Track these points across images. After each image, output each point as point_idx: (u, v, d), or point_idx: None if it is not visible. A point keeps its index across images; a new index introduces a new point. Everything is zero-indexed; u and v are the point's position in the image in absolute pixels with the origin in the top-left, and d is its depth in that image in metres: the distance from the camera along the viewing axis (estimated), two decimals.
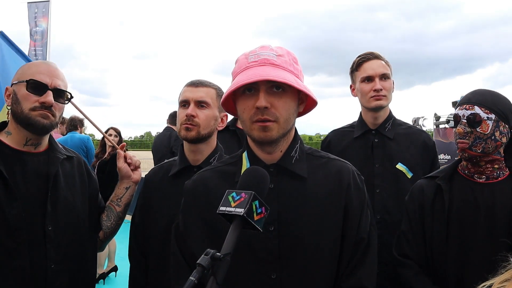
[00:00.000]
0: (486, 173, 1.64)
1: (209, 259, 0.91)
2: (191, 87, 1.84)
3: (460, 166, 1.73)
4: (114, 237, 1.98)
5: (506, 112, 1.65)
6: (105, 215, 1.87)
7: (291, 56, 1.27)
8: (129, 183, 1.89)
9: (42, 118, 1.59)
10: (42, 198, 1.61)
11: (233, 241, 0.98)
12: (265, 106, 1.18)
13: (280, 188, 1.27)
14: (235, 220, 1.01)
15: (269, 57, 1.21)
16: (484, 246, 1.56)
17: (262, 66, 1.19)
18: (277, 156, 1.30)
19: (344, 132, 2.43)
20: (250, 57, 1.24)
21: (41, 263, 1.56)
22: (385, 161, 2.21)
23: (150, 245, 1.84)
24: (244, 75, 1.20)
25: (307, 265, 1.23)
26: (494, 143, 1.61)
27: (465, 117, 1.62)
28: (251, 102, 1.20)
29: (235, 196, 1.04)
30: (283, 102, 1.21)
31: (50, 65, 1.72)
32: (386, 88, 2.22)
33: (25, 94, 1.60)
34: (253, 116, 1.20)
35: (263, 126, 1.20)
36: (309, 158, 1.34)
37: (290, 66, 1.23)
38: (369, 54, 2.28)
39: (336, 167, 1.33)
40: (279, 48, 1.27)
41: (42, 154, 1.69)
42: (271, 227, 1.22)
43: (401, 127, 2.32)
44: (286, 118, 1.22)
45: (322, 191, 1.28)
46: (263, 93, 1.18)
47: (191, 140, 1.79)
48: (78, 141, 5.61)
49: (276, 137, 1.22)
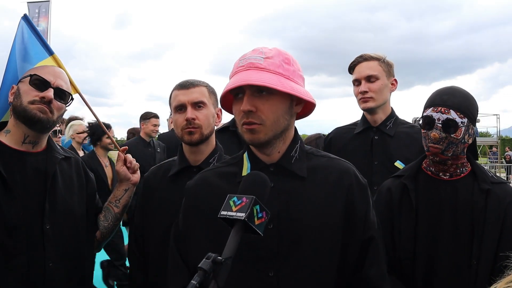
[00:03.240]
0: (450, 170, 1.66)
1: (211, 263, 0.92)
2: (183, 89, 1.81)
3: (424, 164, 1.74)
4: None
5: (475, 115, 1.67)
6: (103, 216, 1.88)
7: (282, 57, 1.26)
8: (128, 185, 1.91)
9: (39, 112, 1.61)
10: (40, 197, 1.62)
11: (234, 245, 0.99)
12: (249, 110, 1.20)
13: (280, 187, 1.27)
14: (236, 225, 1.01)
15: (255, 61, 1.23)
16: (450, 243, 1.58)
17: (247, 71, 1.22)
18: (276, 156, 1.30)
19: (346, 129, 2.46)
20: (240, 61, 1.27)
21: (39, 262, 1.57)
22: (384, 159, 2.23)
23: (149, 244, 1.84)
24: (231, 80, 1.24)
25: (305, 263, 1.23)
26: (463, 145, 1.63)
27: (441, 121, 1.60)
28: (240, 106, 1.23)
29: (236, 200, 1.05)
30: (269, 104, 1.22)
31: (57, 68, 1.79)
32: (372, 90, 2.23)
33: (27, 89, 1.63)
34: (241, 119, 1.24)
35: (249, 129, 1.23)
36: (309, 157, 1.34)
37: (278, 68, 1.23)
38: (359, 57, 2.32)
39: (337, 167, 1.34)
40: (270, 50, 1.27)
41: (41, 154, 1.70)
42: (270, 225, 1.23)
43: (403, 126, 2.33)
44: (273, 120, 1.23)
45: (322, 191, 1.28)
46: (247, 97, 1.21)
47: (196, 143, 1.78)
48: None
49: (265, 140, 1.24)
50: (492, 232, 1.53)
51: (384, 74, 2.26)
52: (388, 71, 2.28)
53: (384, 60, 2.28)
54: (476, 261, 1.52)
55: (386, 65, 2.28)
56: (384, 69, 2.26)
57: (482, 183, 1.60)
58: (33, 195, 1.61)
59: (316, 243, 1.24)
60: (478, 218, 1.55)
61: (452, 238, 1.58)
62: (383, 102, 2.27)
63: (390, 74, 2.30)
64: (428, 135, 1.62)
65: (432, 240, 1.60)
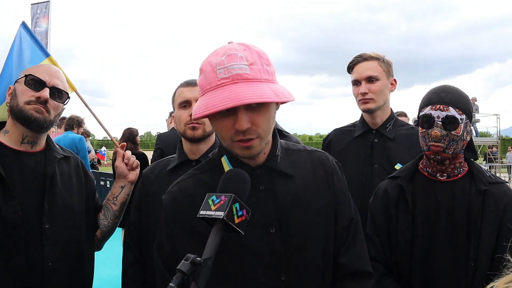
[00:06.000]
0: (448, 171, 1.63)
1: (189, 264, 0.89)
2: (189, 87, 1.84)
3: (421, 164, 1.72)
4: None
5: (472, 111, 1.66)
6: (102, 214, 1.88)
7: (263, 58, 1.14)
8: (125, 182, 1.91)
9: (35, 112, 1.61)
10: (39, 197, 1.63)
11: (214, 245, 0.95)
12: (247, 128, 1.11)
13: (273, 189, 1.24)
14: (216, 224, 0.99)
15: (240, 71, 1.09)
16: (447, 245, 1.56)
17: (236, 84, 1.08)
18: (261, 158, 1.25)
19: (345, 131, 2.43)
20: (219, 71, 1.10)
21: (38, 261, 1.57)
22: (384, 162, 2.20)
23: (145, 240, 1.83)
24: (216, 96, 1.08)
25: (313, 260, 1.23)
26: (462, 143, 1.61)
27: (441, 118, 1.57)
28: (229, 122, 1.12)
29: (215, 199, 1.02)
30: (263, 116, 1.14)
31: (52, 67, 1.78)
32: (372, 91, 2.20)
33: (23, 89, 1.63)
34: (233, 136, 1.13)
35: (246, 146, 1.14)
36: (288, 153, 1.32)
37: (263, 74, 1.12)
38: (359, 56, 2.27)
39: (317, 158, 1.34)
40: (248, 52, 1.13)
41: (39, 153, 1.70)
42: (272, 229, 1.20)
43: (402, 128, 2.30)
44: (267, 130, 1.17)
45: (313, 186, 1.28)
46: (242, 115, 1.09)
47: (198, 139, 1.80)
48: (70, 141, 5.56)
49: (259, 151, 1.18)
50: (489, 234, 1.52)
51: (384, 75, 2.23)
52: (388, 71, 2.26)
53: (383, 59, 2.25)
54: (473, 262, 1.51)
55: (386, 64, 2.25)
56: (384, 69, 2.23)
57: (479, 183, 1.58)
58: (32, 194, 1.61)
59: (320, 237, 1.25)
60: (475, 219, 1.53)
61: (449, 240, 1.56)
62: (383, 103, 2.25)
63: (390, 74, 2.28)
64: (429, 134, 1.59)
65: (429, 242, 1.59)
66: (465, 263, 1.53)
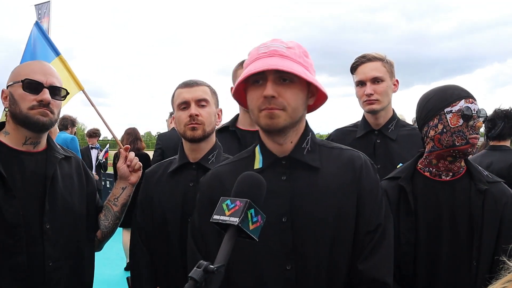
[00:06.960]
0: (454, 169, 1.61)
1: (202, 272, 0.87)
2: (188, 87, 1.85)
3: (420, 164, 1.69)
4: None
5: None
6: (103, 215, 1.88)
7: (302, 49, 1.27)
8: (126, 183, 1.91)
9: (41, 116, 1.60)
10: (40, 196, 1.62)
11: (227, 252, 0.93)
12: (272, 95, 1.18)
13: (293, 180, 1.26)
14: (230, 230, 0.95)
15: (278, 49, 1.22)
16: (450, 245, 1.55)
17: (271, 57, 1.21)
18: (289, 147, 1.29)
19: (347, 131, 2.42)
20: (260, 48, 1.25)
21: (38, 261, 1.57)
22: (387, 162, 2.19)
23: (151, 240, 1.86)
24: (253, 66, 1.21)
25: (321, 255, 1.23)
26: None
27: (475, 111, 1.55)
28: (259, 92, 1.21)
29: (230, 204, 0.98)
30: (291, 92, 1.21)
31: (43, 63, 1.75)
32: (377, 92, 2.18)
33: (22, 94, 1.61)
34: (261, 105, 1.21)
35: (270, 113, 1.20)
36: (322, 149, 1.34)
37: (299, 58, 1.24)
38: (362, 57, 2.25)
39: (348, 156, 1.33)
40: (290, 41, 1.28)
41: (41, 153, 1.70)
42: (284, 218, 1.22)
43: (404, 129, 2.29)
44: (294, 107, 1.22)
45: (336, 182, 1.27)
46: (270, 82, 1.19)
47: (198, 139, 1.80)
48: (61, 141, 5.49)
49: (283, 125, 1.22)
50: (490, 233, 1.52)
51: (388, 75, 2.22)
52: (391, 72, 2.25)
53: (386, 60, 2.24)
54: (476, 262, 1.51)
55: (389, 65, 2.25)
56: (387, 70, 2.23)
57: (479, 183, 1.57)
58: (33, 194, 1.61)
59: (332, 233, 1.24)
60: (476, 219, 1.53)
61: (452, 240, 1.56)
62: (388, 103, 2.24)
63: (393, 74, 2.27)
64: (470, 126, 1.53)
65: (432, 243, 1.58)
66: (468, 263, 1.52)
